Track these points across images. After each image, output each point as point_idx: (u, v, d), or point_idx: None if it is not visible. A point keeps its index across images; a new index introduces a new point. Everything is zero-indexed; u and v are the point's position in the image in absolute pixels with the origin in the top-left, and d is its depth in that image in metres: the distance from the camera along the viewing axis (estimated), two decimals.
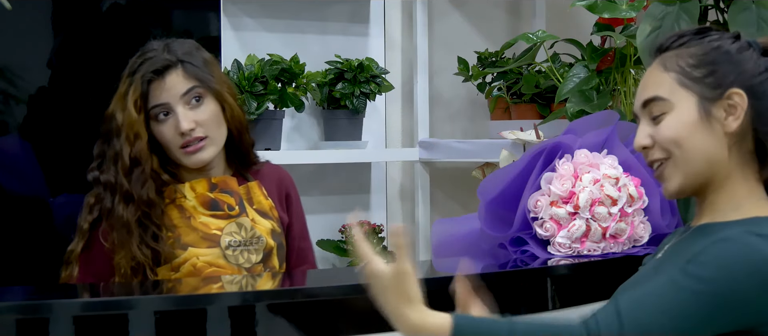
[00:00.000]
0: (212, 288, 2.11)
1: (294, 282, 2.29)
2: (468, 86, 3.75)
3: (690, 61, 1.78)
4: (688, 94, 1.78)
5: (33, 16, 3.09)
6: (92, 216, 2.29)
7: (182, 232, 2.28)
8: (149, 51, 2.29)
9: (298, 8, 3.56)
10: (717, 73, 1.77)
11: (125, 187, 2.24)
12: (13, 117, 3.11)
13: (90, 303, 1.85)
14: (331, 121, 3.51)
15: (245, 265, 2.30)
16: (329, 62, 3.47)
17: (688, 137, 1.77)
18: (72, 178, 3.03)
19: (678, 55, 1.80)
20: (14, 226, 3.06)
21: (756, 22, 2.63)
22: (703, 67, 1.78)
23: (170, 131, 2.27)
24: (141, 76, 2.26)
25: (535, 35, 3.26)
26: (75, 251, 2.30)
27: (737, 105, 1.76)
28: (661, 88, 1.79)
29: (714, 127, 1.77)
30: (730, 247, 1.66)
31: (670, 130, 1.78)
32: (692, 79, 1.78)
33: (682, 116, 1.77)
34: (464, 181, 3.74)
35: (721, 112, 1.77)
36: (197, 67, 2.29)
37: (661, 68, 1.81)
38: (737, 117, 1.76)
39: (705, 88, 1.77)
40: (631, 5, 2.97)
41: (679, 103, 1.78)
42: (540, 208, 2.34)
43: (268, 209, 2.38)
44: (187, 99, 2.27)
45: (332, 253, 3.53)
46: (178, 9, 3.37)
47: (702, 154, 1.77)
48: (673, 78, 1.79)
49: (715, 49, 1.79)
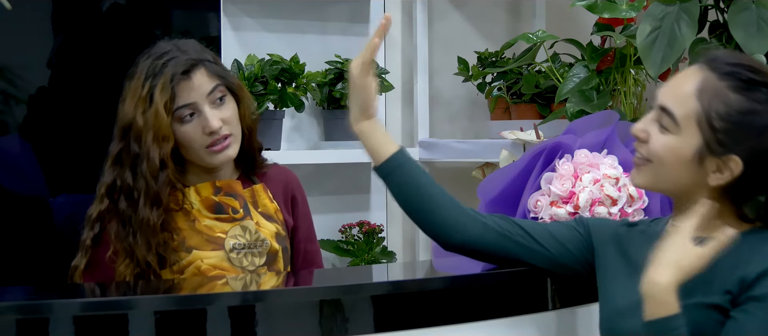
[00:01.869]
0: (214, 287, 2.11)
1: (294, 282, 2.29)
2: (468, 86, 3.75)
3: (719, 109, 1.78)
4: (697, 133, 1.79)
5: (33, 16, 3.09)
6: (94, 232, 2.27)
7: (186, 235, 2.28)
8: (165, 52, 2.26)
9: (298, 8, 3.56)
10: (731, 135, 1.78)
11: (154, 190, 2.21)
12: (13, 117, 3.11)
13: (90, 303, 1.85)
14: (331, 121, 3.51)
15: (249, 268, 2.30)
16: (329, 62, 3.47)
17: (674, 164, 1.81)
18: (72, 178, 3.04)
19: (716, 92, 1.79)
20: (14, 226, 3.06)
21: (756, 22, 2.63)
22: (725, 122, 1.78)
23: (197, 131, 2.26)
24: (170, 77, 2.22)
25: (535, 35, 3.26)
26: (79, 268, 2.28)
27: (730, 170, 1.78)
28: (681, 109, 1.80)
29: (700, 172, 1.80)
30: None
31: (662, 150, 1.81)
32: (710, 124, 1.78)
33: (680, 146, 1.80)
34: (464, 181, 3.74)
35: (713, 165, 1.79)
36: (217, 64, 2.30)
37: (696, 88, 1.80)
38: (724, 178, 1.79)
39: (713, 139, 1.78)
40: (631, 5, 2.97)
41: (685, 134, 1.79)
42: (540, 208, 2.34)
43: (273, 212, 2.38)
44: (213, 98, 2.26)
45: (332, 253, 3.53)
46: (178, 9, 3.37)
47: (678, 182, 1.82)
48: (696, 110, 1.79)
49: (748, 112, 1.77)
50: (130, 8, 3.25)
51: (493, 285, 2.06)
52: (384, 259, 3.54)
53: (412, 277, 2.30)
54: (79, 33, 3.20)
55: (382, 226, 3.60)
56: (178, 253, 2.26)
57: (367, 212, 3.73)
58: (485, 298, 2.06)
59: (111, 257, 2.24)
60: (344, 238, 3.56)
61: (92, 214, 2.28)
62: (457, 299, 2.01)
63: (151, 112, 2.21)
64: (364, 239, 3.55)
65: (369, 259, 3.50)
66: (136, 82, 2.25)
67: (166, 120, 2.21)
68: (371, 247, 3.53)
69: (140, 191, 2.21)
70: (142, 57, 2.28)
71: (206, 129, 2.25)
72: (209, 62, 2.28)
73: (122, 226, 2.23)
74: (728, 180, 1.79)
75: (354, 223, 3.58)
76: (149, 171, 2.21)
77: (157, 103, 2.21)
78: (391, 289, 1.99)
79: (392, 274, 2.46)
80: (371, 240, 3.55)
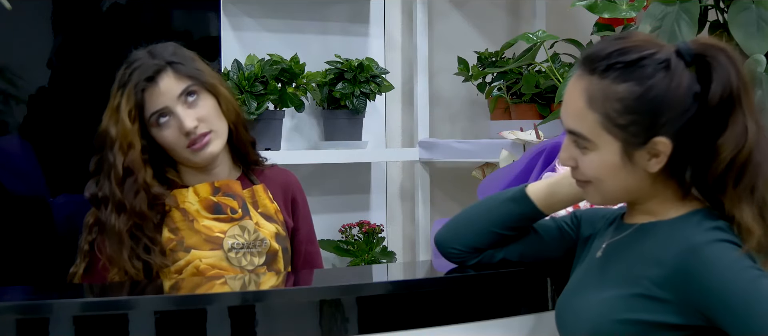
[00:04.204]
0: (214, 287, 2.11)
1: (294, 282, 2.29)
2: (468, 86, 3.75)
3: (616, 107, 1.72)
4: (612, 139, 1.75)
5: (33, 16, 3.09)
6: (91, 236, 2.29)
7: (185, 235, 2.28)
8: (135, 61, 2.29)
9: (298, 8, 3.56)
10: (641, 123, 1.73)
11: (118, 197, 2.24)
12: (13, 117, 3.11)
13: (90, 303, 1.85)
14: (331, 121, 3.51)
15: (248, 268, 2.30)
16: (329, 62, 3.48)
17: (610, 176, 1.78)
18: (72, 178, 3.03)
19: (605, 94, 1.73)
20: (14, 226, 3.06)
21: (756, 22, 2.63)
22: (628, 115, 1.73)
23: (174, 133, 2.27)
24: (133, 86, 2.25)
25: (535, 35, 3.26)
26: (77, 273, 2.30)
27: (661, 152, 1.74)
28: (585, 126, 1.76)
29: (636, 169, 1.77)
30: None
31: (592, 170, 1.78)
32: (617, 125, 1.73)
33: (605, 158, 1.76)
34: (464, 181, 3.74)
35: (644, 157, 1.75)
36: (186, 65, 2.30)
37: (585, 100, 1.75)
38: (660, 161, 1.75)
39: (629, 135, 1.74)
40: (631, 5, 2.97)
41: (603, 146, 1.75)
42: None
43: (273, 213, 2.38)
44: (184, 98, 2.28)
45: (332, 253, 3.53)
46: (178, 9, 3.37)
47: (623, 188, 1.79)
48: (597, 121, 1.74)
49: (643, 94, 1.72)
50: (130, 8, 3.25)
51: (493, 285, 2.06)
52: (384, 259, 3.54)
53: (412, 277, 2.30)
54: (79, 33, 3.20)
55: (382, 226, 3.60)
56: (176, 253, 2.27)
57: (367, 212, 3.73)
58: (485, 298, 2.06)
59: (104, 265, 2.25)
60: (344, 238, 3.56)
61: (89, 220, 2.30)
62: (457, 299, 2.01)
63: (119, 121, 2.25)
64: (364, 239, 3.55)
65: (369, 259, 3.50)
66: (112, 92, 2.29)
67: (130, 128, 2.24)
68: (371, 247, 3.54)
69: (109, 199, 2.24)
70: (120, 69, 2.31)
71: (182, 129, 2.26)
72: (177, 64, 2.29)
73: (103, 236, 2.25)
74: (666, 160, 1.75)
75: (354, 223, 3.58)
76: (114, 178, 2.24)
77: (122, 111, 2.25)
78: (391, 289, 1.99)
79: (392, 274, 2.46)
80: (371, 240, 3.55)
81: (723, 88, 1.71)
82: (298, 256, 2.44)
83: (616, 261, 1.81)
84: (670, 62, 1.73)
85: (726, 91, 1.71)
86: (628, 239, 1.82)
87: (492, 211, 2.01)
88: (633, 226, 1.83)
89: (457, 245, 2.03)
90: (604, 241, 1.87)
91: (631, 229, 1.82)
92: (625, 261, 1.79)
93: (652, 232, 1.78)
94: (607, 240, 1.86)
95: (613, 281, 1.78)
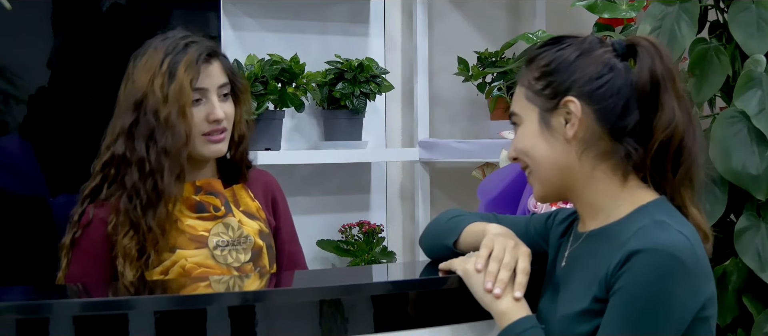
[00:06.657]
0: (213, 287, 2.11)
1: (294, 282, 2.29)
2: (468, 86, 3.75)
3: (535, 75, 1.82)
4: (532, 107, 1.82)
5: (33, 16, 3.09)
6: (81, 209, 2.27)
7: (169, 235, 2.28)
8: (186, 35, 2.27)
9: (298, 8, 3.56)
10: (553, 84, 1.80)
11: (179, 164, 2.21)
12: (13, 117, 3.11)
13: (90, 303, 1.85)
14: (331, 121, 3.51)
15: (234, 265, 2.30)
16: (329, 62, 3.48)
17: (533, 147, 1.82)
18: (72, 178, 3.03)
19: (529, 69, 1.84)
20: (14, 226, 3.06)
21: (756, 22, 2.63)
22: (543, 79, 1.81)
23: (200, 116, 2.26)
24: (195, 57, 2.23)
25: (535, 35, 3.26)
26: (59, 276, 2.29)
27: (572, 113, 1.78)
28: (516, 103, 1.85)
29: (555, 137, 1.80)
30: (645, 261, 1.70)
31: (519, 142, 1.84)
32: (535, 92, 1.82)
33: (528, 129, 1.83)
34: (464, 181, 3.74)
35: (560, 121, 1.80)
36: (229, 64, 2.32)
37: (520, 85, 1.85)
38: (573, 124, 1.78)
39: (544, 100, 1.81)
40: (631, 5, 2.97)
41: (526, 117, 1.83)
42: (539, 208, 2.34)
43: (254, 210, 2.38)
44: (220, 91, 2.28)
45: (332, 253, 3.53)
46: (178, 9, 3.37)
47: (549, 163, 1.81)
48: (522, 93, 1.84)
49: (554, 59, 1.81)
50: (130, 8, 3.25)
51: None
52: (384, 259, 3.54)
53: (412, 277, 2.30)
54: (79, 33, 3.20)
55: (382, 226, 3.61)
56: (161, 254, 2.26)
57: (367, 212, 3.73)
58: None
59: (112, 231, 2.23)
60: (344, 238, 3.56)
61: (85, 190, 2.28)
62: (456, 299, 2.01)
63: (175, 87, 2.21)
64: (364, 239, 3.55)
65: (369, 259, 3.50)
66: (152, 58, 2.24)
67: (191, 97, 2.22)
68: (371, 247, 3.54)
69: (163, 165, 2.21)
70: (154, 39, 2.29)
71: (210, 116, 2.26)
72: (225, 58, 2.32)
73: (129, 200, 2.23)
74: (578, 126, 1.78)
75: (354, 223, 3.58)
76: (175, 144, 2.21)
77: (181, 78, 2.21)
78: (391, 289, 1.99)
79: (392, 274, 2.46)
80: (371, 240, 3.55)
81: (650, 69, 1.78)
82: (282, 255, 2.44)
83: (575, 272, 1.83)
84: (592, 42, 1.81)
85: (653, 73, 1.77)
86: (581, 250, 1.84)
87: (439, 236, 2.06)
88: (584, 234, 1.84)
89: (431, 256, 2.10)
90: (566, 249, 1.89)
91: (583, 238, 1.84)
92: (580, 273, 1.81)
93: (599, 239, 1.80)
94: (569, 248, 1.88)
95: (572, 296, 1.81)
